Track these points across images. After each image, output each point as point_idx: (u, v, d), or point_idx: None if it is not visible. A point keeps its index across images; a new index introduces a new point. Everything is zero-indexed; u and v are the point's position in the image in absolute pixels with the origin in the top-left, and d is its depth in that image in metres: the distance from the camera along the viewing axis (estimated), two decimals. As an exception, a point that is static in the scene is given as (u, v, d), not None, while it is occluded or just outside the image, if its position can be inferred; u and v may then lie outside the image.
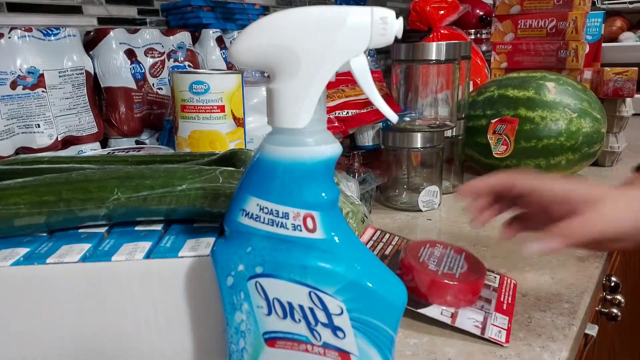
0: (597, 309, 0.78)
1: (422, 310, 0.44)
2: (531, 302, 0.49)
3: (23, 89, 0.69)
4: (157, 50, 0.87)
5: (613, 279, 0.79)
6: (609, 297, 0.80)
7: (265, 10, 1.15)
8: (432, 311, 0.44)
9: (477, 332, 0.43)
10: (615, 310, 0.78)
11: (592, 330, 0.64)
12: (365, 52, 0.27)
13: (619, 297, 0.79)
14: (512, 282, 0.51)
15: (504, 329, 0.43)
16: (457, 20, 1.26)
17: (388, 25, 0.27)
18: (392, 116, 0.29)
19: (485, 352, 0.41)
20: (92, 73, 0.79)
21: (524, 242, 0.40)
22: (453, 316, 0.44)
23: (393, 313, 0.30)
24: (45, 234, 0.37)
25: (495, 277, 0.51)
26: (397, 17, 0.27)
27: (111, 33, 0.80)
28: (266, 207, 0.29)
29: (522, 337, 0.43)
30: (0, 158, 0.67)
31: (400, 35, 0.28)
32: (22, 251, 0.34)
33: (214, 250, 0.31)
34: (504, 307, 0.47)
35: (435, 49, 0.76)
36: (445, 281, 0.45)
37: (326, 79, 0.27)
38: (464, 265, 0.47)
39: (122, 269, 0.33)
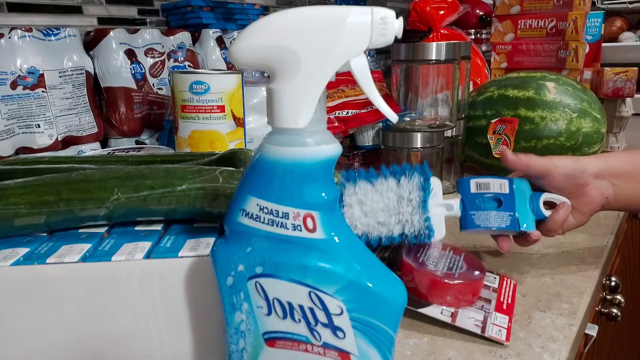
0: (597, 309, 0.78)
1: (422, 310, 0.44)
2: (531, 302, 0.49)
3: (23, 89, 0.69)
4: (157, 51, 0.87)
5: (613, 279, 0.79)
6: (609, 297, 0.80)
7: (265, 10, 1.15)
8: (432, 311, 0.44)
9: (478, 330, 0.43)
10: (615, 310, 0.78)
11: (592, 330, 0.63)
12: (365, 52, 0.27)
13: (619, 297, 0.79)
14: (512, 282, 0.51)
15: (504, 328, 0.43)
16: (457, 20, 1.26)
17: (388, 25, 0.27)
18: (392, 116, 0.29)
19: (485, 352, 0.41)
20: (92, 73, 0.79)
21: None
22: (453, 316, 0.44)
23: (393, 313, 0.30)
24: (45, 234, 0.37)
25: (495, 278, 0.51)
26: (397, 17, 0.27)
27: (111, 33, 0.80)
28: (266, 207, 0.29)
29: (522, 337, 0.43)
30: (0, 158, 0.67)
31: (400, 35, 0.28)
32: (22, 251, 0.34)
33: (214, 250, 0.31)
34: (504, 307, 0.46)
35: (435, 49, 0.76)
36: (445, 281, 0.45)
37: (326, 79, 0.27)
38: (463, 265, 0.47)
39: (122, 269, 0.33)
